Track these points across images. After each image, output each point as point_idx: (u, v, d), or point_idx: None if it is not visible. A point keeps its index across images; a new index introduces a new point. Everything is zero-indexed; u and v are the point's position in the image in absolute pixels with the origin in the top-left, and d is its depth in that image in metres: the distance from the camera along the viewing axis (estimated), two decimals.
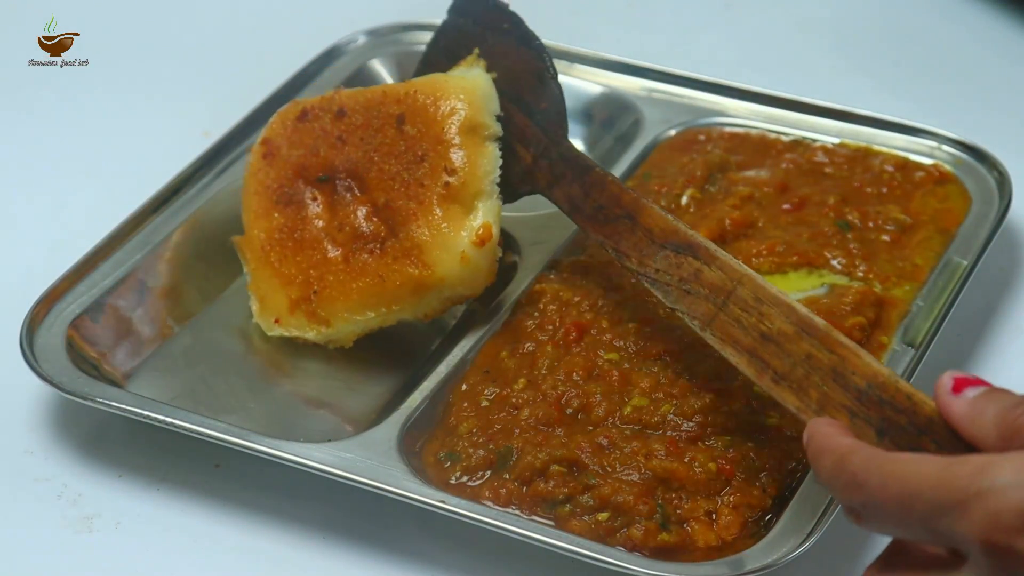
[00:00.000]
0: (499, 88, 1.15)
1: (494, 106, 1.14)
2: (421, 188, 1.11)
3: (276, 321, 1.13)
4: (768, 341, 0.96)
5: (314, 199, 1.14)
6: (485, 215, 1.11)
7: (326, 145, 1.15)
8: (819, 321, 0.95)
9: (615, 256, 1.07)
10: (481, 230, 1.10)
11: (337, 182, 1.14)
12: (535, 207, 1.20)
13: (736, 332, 0.98)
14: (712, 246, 1.03)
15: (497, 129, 1.14)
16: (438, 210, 1.10)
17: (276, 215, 1.15)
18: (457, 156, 1.11)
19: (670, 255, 1.04)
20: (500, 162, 1.13)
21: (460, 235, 1.10)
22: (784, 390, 0.95)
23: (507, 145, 1.14)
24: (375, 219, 1.12)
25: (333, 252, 1.13)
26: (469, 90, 1.14)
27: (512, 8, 1.20)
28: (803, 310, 0.96)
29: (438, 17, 1.40)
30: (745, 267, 1.01)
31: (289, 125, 1.17)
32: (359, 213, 1.13)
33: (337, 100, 1.16)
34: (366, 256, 1.12)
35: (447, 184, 1.11)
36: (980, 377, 0.86)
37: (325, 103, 1.17)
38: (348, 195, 1.14)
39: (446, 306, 1.13)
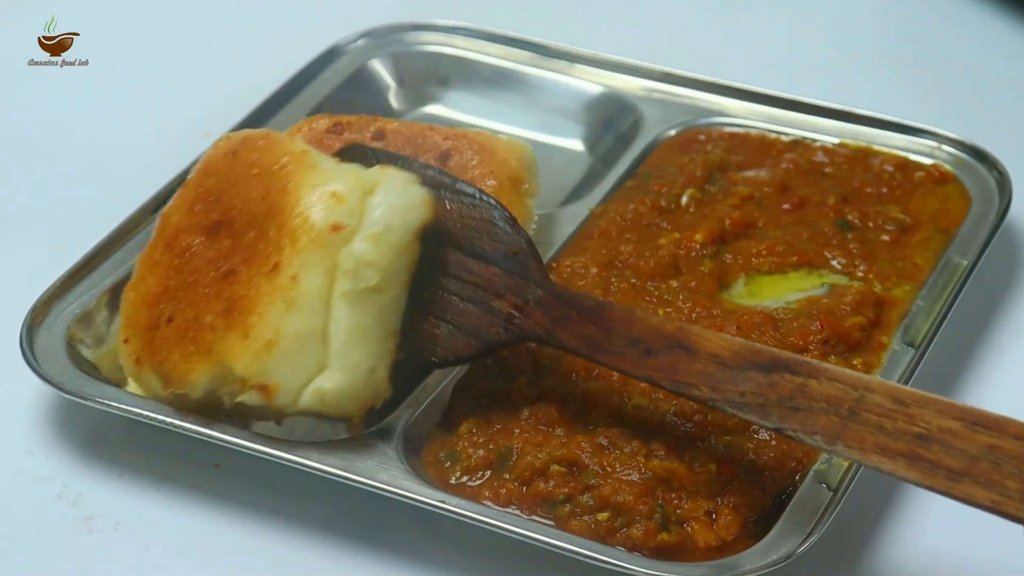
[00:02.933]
0: (452, 244, 1.05)
1: (536, 170, 1.19)
2: None
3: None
4: (929, 441, 0.90)
5: None
6: None
7: None
8: (986, 413, 0.90)
9: (674, 389, 0.99)
10: None
11: None
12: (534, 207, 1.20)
13: (880, 439, 0.91)
14: (809, 360, 0.96)
15: (537, 189, 1.18)
16: None
17: None
18: (501, 198, 1.13)
19: (756, 376, 0.96)
20: (536, 218, 1.18)
21: None
22: (969, 486, 0.89)
23: (479, 301, 1.05)
24: None
25: None
26: (518, 148, 1.19)
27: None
28: (964, 405, 0.90)
29: (438, 17, 1.41)
30: (866, 375, 0.95)
31: (319, 134, 1.20)
32: None
33: (377, 123, 1.21)
34: None
35: None
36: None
37: (363, 122, 1.21)
38: None
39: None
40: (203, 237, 1.04)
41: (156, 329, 1.04)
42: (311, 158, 1.04)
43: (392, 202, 1.01)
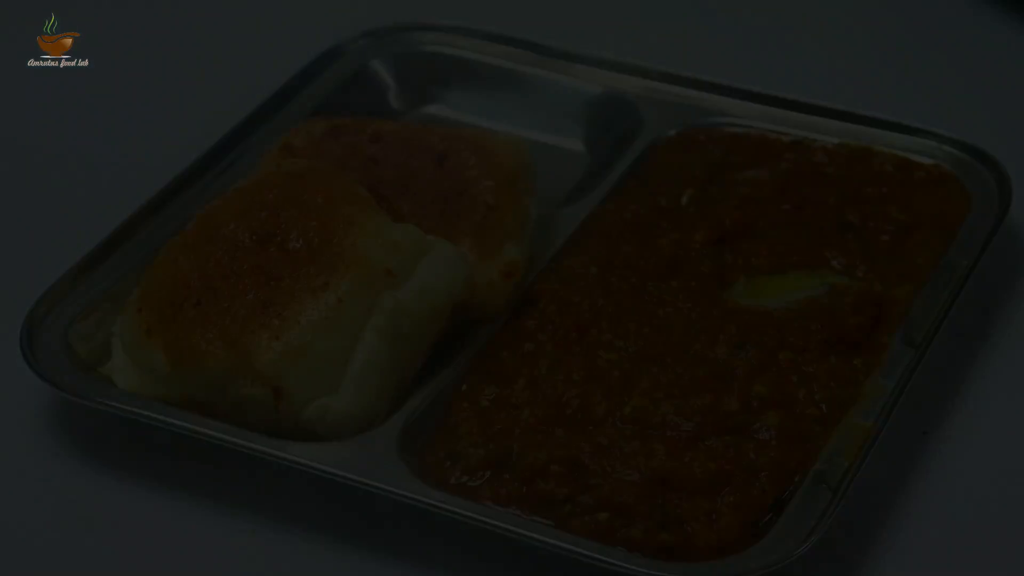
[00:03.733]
0: None
1: (533, 167, 1.19)
2: (457, 217, 1.15)
3: None
4: None
5: None
6: (513, 254, 1.14)
7: (356, 163, 1.18)
8: None
9: None
10: (509, 264, 1.13)
11: None
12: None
13: None
14: None
15: (534, 188, 1.19)
16: (470, 239, 1.13)
17: None
18: (498, 198, 1.15)
19: None
20: (534, 215, 1.18)
21: (489, 263, 1.13)
22: None
23: None
24: None
25: None
26: (514, 146, 1.19)
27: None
28: None
29: (438, 17, 1.41)
30: None
31: (316, 137, 1.20)
32: None
33: (374, 125, 1.21)
34: None
35: (484, 217, 1.14)
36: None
37: (359, 124, 1.21)
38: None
39: (448, 324, 1.13)
40: (252, 241, 1.09)
41: (179, 308, 1.07)
42: (375, 205, 1.11)
43: (440, 271, 1.08)
